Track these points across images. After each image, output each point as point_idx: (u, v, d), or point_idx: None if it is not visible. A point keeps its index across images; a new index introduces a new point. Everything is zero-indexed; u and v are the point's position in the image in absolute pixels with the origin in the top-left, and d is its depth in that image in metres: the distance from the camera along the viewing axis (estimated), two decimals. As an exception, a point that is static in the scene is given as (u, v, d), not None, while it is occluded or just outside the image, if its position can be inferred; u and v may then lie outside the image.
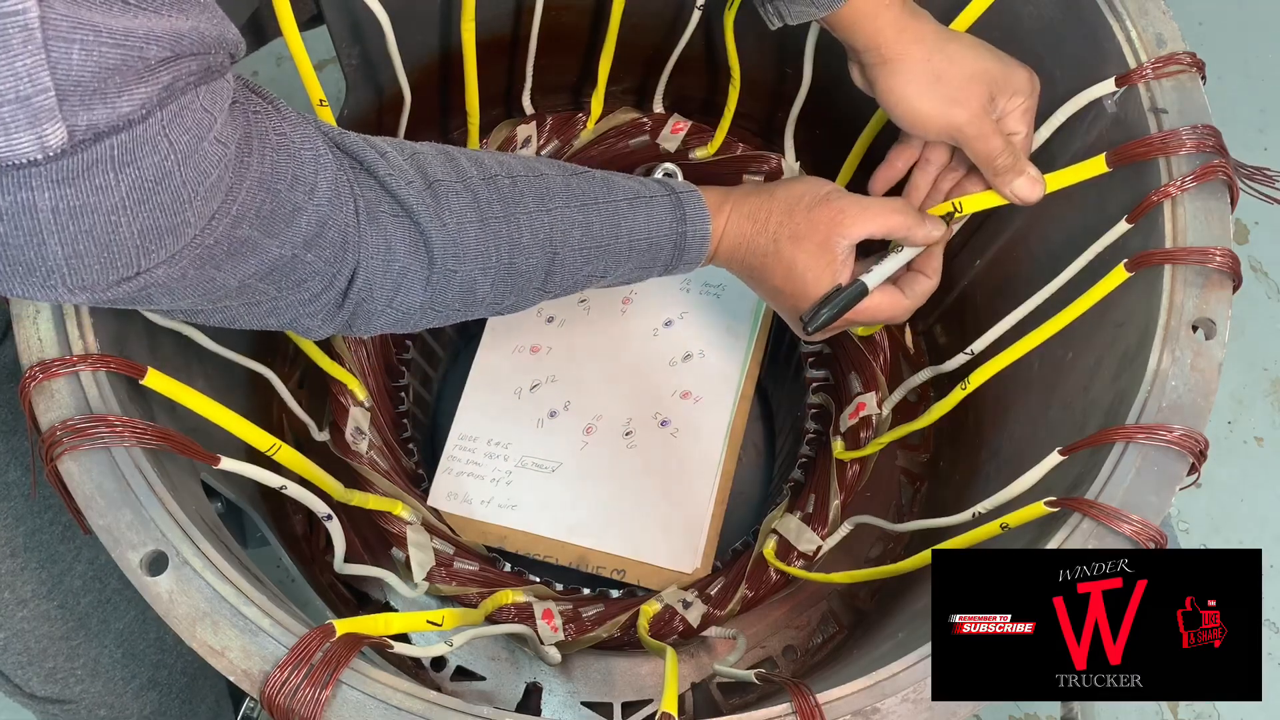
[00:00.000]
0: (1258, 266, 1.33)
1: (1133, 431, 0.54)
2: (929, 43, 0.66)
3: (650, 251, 0.66)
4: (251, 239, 0.46)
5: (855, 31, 0.66)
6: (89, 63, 0.34)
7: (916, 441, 0.88)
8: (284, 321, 0.54)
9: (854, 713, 0.48)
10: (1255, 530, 1.23)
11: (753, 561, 0.79)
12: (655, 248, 0.66)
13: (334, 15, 0.78)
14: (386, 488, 0.78)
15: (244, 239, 0.46)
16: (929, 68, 0.65)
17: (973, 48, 0.67)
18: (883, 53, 0.66)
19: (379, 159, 0.54)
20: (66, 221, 0.36)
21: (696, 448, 0.86)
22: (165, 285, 0.43)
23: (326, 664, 0.46)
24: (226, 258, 0.45)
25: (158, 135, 0.37)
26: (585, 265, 0.63)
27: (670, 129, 0.91)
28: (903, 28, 0.66)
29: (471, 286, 0.59)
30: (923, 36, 0.66)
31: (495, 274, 0.59)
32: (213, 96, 0.40)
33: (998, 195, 0.67)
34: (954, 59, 0.66)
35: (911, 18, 0.66)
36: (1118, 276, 0.61)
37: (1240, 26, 1.44)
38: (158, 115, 0.37)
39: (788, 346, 0.94)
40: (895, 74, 0.66)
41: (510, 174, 0.61)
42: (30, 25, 0.32)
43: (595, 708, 0.78)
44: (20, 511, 0.64)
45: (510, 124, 0.91)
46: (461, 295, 0.59)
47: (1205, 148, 0.59)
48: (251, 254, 0.47)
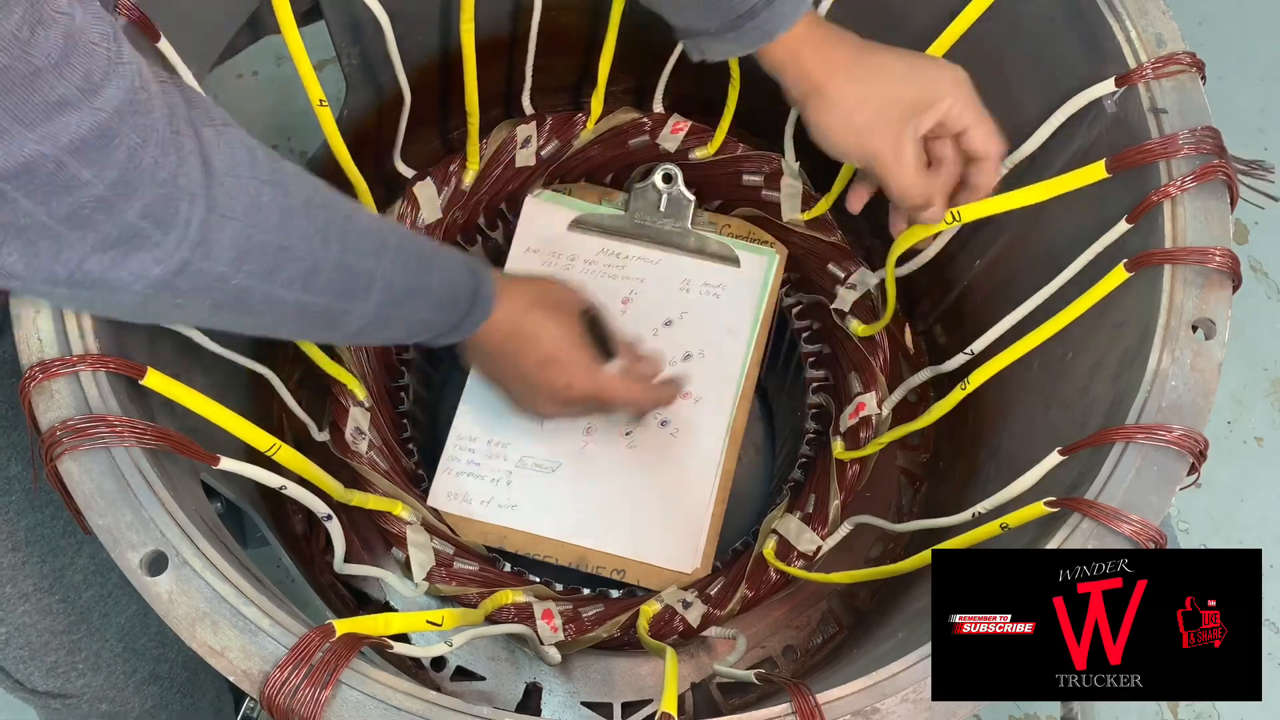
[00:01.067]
0: (1258, 266, 1.33)
1: (1133, 431, 0.54)
2: (843, 71, 0.67)
3: (448, 289, 0.66)
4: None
5: (782, 71, 0.68)
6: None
7: (916, 441, 0.88)
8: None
9: (854, 713, 0.48)
10: (1255, 530, 1.23)
11: (753, 561, 0.79)
12: (454, 285, 0.66)
13: (333, 15, 0.78)
14: (386, 488, 0.78)
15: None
16: (844, 101, 0.67)
17: (887, 69, 0.67)
18: (804, 87, 0.68)
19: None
20: None
21: (696, 448, 0.86)
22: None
23: (326, 664, 0.46)
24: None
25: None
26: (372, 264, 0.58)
27: (670, 129, 0.91)
28: (823, 59, 0.67)
29: (243, 253, 0.50)
30: (838, 65, 0.67)
31: (271, 248, 0.51)
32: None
33: (1000, 203, 0.68)
34: (871, 88, 0.67)
35: (828, 43, 0.67)
36: (1117, 277, 0.61)
37: (1240, 26, 1.44)
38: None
39: (788, 346, 0.94)
40: (815, 109, 0.68)
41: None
42: None
43: (595, 708, 0.78)
44: (22, 506, 0.64)
45: (510, 124, 0.91)
46: (232, 261, 0.50)
47: (1204, 150, 0.59)
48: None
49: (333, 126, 0.74)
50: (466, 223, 0.92)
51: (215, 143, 0.48)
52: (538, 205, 0.93)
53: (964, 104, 0.67)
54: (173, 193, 0.45)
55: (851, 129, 0.67)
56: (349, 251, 0.56)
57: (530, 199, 0.93)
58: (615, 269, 0.91)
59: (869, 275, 0.87)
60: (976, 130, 0.67)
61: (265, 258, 0.51)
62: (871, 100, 0.67)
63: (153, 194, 0.44)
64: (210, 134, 0.47)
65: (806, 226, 0.89)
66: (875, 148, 0.67)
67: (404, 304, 0.62)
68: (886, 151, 0.67)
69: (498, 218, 0.94)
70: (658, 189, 0.91)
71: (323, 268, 0.54)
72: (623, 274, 0.91)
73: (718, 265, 0.91)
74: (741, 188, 0.91)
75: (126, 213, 0.44)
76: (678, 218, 0.91)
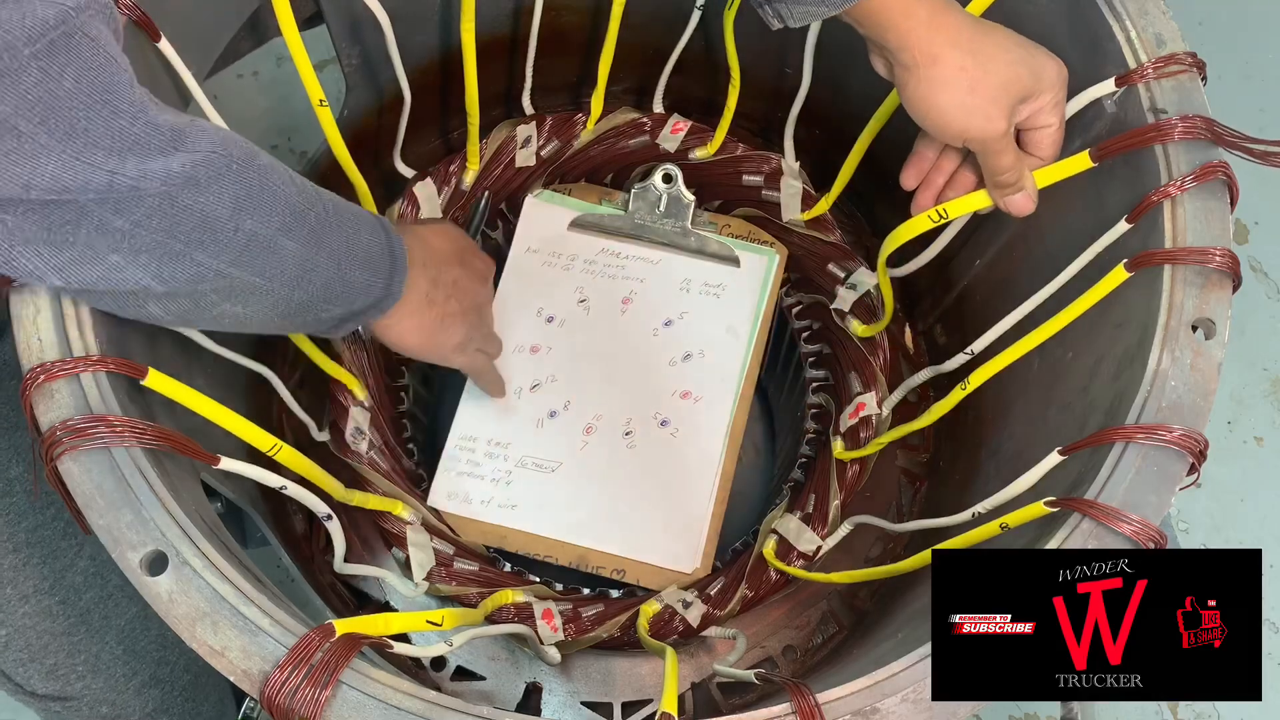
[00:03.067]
0: (1258, 266, 1.33)
1: (1132, 431, 0.54)
2: (963, 46, 0.63)
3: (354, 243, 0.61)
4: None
5: (886, 31, 0.63)
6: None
7: (916, 441, 0.88)
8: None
9: (854, 713, 0.48)
10: (1255, 530, 1.23)
11: (753, 561, 0.79)
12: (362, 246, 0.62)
13: (334, 15, 0.78)
14: (386, 488, 0.78)
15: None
16: (963, 78, 0.63)
17: (1006, 49, 0.64)
18: (914, 55, 0.63)
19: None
20: None
21: (696, 448, 0.86)
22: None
23: (326, 664, 0.46)
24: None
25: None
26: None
27: (670, 129, 0.91)
28: (937, 26, 0.63)
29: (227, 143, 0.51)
30: (957, 39, 0.63)
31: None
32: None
33: (986, 198, 0.68)
34: (988, 66, 0.63)
35: (945, 13, 0.63)
36: (1117, 276, 0.61)
37: (1240, 26, 1.44)
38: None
39: (788, 346, 0.94)
40: (927, 81, 0.64)
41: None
42: None
43: (595, 708, 0.78)
44: (22, 508, 0.64)
45: (510, 124, 0.91)
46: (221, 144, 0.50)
47: (1194, 133, 0.59)
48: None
49: (333, 126, 0.74)
50: (466, 223, 0.92)
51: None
52: (538, 205, 0.93)
53: (1056, 102, 0.65)
54: (145, 97, 0.46)
55: (964, 108, 0.64)
56: (285, 166, 0.56)
57: (530, 199, 0.93)
58: (615, 269, 0.91)
59: (869, 275, 0.87)
60: (1052, 134, 0.66)
61: (242, 148, 0.52)
62: (989, 80, 0.63)
63: (134, 94, 0.45)
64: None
65: (806, 226, 0.89)
66: (976, 125, 0.64)
67: (350, 223, 0.60)
68: (984, 130, 0.64)
69: (498, 217, 0.94)
70: (658, 189, 0.91)
71: (279, 170, 0.55)
72: (623, 274, 0.91)
73: (718, 265, 0.91)
74: (741, 188, 0.91)
75: (118, 117, 0.45)
76: (678, 218, 0.92)
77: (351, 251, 0.60)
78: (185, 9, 0.65)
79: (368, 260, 0.61)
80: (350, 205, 0.62)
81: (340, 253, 0.59)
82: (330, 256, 0.58)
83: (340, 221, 0.59)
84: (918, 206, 0.72)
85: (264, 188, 0.53)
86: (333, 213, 0.59)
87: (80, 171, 0.44)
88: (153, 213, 0.47)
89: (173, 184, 0.47)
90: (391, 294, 0.64)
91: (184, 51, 0.63)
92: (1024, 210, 0.67)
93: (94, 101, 0.44)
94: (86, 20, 0.43)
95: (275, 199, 0.53)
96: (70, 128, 0.43)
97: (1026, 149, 0.67)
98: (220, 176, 0.50)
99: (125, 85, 0.45)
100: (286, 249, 0.55)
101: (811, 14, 0.64)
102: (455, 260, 0.72)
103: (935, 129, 0.66)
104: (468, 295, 0.72)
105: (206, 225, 0.50)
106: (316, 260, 0.57)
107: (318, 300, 0.58)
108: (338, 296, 0.60)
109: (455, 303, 0.71)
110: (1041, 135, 0.66)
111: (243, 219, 0.51)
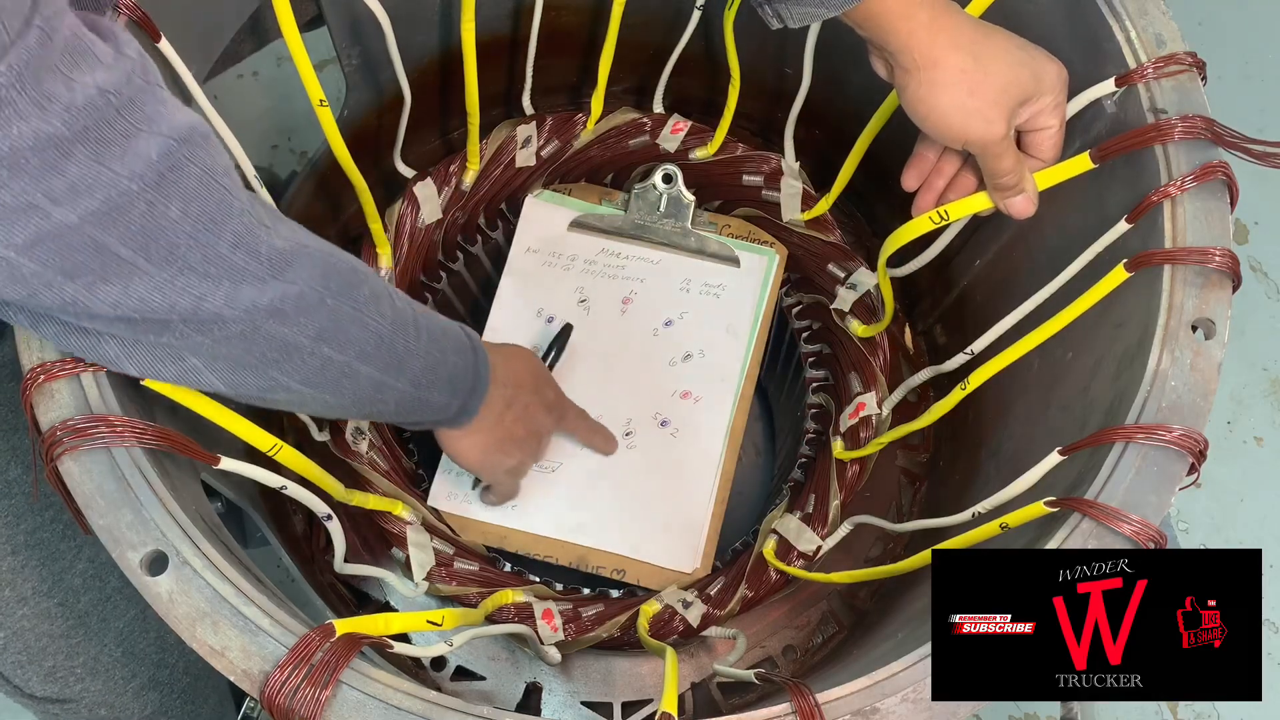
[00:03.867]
0: (1257, 266, 1.33)
1: (1132, 431, 0.54)
2: (964, 49, 0.63)
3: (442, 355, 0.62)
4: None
5: (886, 33, 0.63)
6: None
7: (916, 441, 0.88)
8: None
9: (854, 713, 0.48)
10: (1255, 530, 1.23)
11: (753, 561, 0.79)
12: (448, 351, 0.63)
13: (334, 15, 0.78)
14: (386, 488, 0.78)
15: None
16: (964, 81, 0.63)
17: (1007, 51, 0.64)
18: (915, 57, 0.63)
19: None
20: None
21: (696, 448, 0.86)
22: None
23: (326, 664, 0.46)
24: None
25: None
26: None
27: (670, 129, 0.91)
28: (938, 29, 0.62)
29: (327, 273, 0.52)
30: (958, 41, 0.63)
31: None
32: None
33: (987, 200, 0.68)
34: (989, 69, 0.63)
35: (946, 15, 0.63)
36: (1117, 277, 0.61)
37: (1240, 26, 1.44)
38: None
39: (788, 346, 0.94)
40: (927, 84, 0.63)
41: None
42: None
43: (595, 708, 0.78)
44: (21, 509, 0.64)
45: (510, 124, 0.91)
46: (320, 280, 0.51)
47: (1194, 133, 0.59)
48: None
49: (333, 126, 0.74)
50: (467, 222, 0.92)
51: (253, 193, 0.51)
52: (538, 205, 0.93)
53: (1057, 104, 0.65)
54: (252, 223, 0.47)
55: (964, 111, 0.63)
56: (388, 287, 0.58)
57: (530, 199, 0.93)
58: (615, 269, 0.91)
59: (869, 275, 0.87)
60: (1052, 135, 0.66)
61: (344, 276, 0.52)
62: (989, 83, 0.63)
63: (238, 222, 0.46)
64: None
65: (806, 226, 0.89)
66: (976, 129, 0.64)
67: (439, 344, 0.61)
68: (986, 134, 0.64)
69: (498, 218, 0.94)
70: (658, 189, 0.91)
71: (381, 295, 0.56)
72: (623, 274, 0.91)
73: (718, 265, 0.91)
74: (741, 188, 0.91)
75: (219, 245, 0.45)
76: (678, 218, 0.92)
77: (433, 375, 0.61)
78: (185, 9, 0.65)
79: (450, 381, 0.63)
80: (442, 324, 0.62)
81: (421, 377, 0.60)
82: (410, 381, 0.59)
83: (428, 346, 0.60)
84: (918, 208, 0.72)
85: (354, 319, 0.53)
86: (423, 338, 0.59)
87: (169, 294, 0.45)
88: (233, 336, 0.48)
89: (257, 314, 0.48)
90: (466, 412, 0.66)
91: (184, 51, 0.63)
92: (1024, 213, 0.67)
93: (198, 229, 0.44)
94: (194, 149, 0.44)
95: (363, 329, 0.54)
96: (169, 254, 0.44)
97: (1027, 151, 0.66)
98: (308, 310, 0.50)
99: (233, 211, 0.46)
100: (362, 374, 0.56)
101: (811, 15, 0.64)
102: (531, 385, 0.73)
103: (935, 132, 0.66)
104: (535, 421, 0.73)
105: (285, 349, 0.50)
106: (394, 384, 0.58)
107: (388, 413, 0.61)
108: (410, 411, 0.62)
109: (522, 427, 0.72)
110: (1042, 137, 0.66)
111: (322, 346, 0.52)
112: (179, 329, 0.46)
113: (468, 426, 0.67)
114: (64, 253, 0.41)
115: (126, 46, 0.43)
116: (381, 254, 0.85)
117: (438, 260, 0.92)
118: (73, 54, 0.39)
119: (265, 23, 0.74)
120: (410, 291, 0.89)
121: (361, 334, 0.54)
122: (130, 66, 0.42)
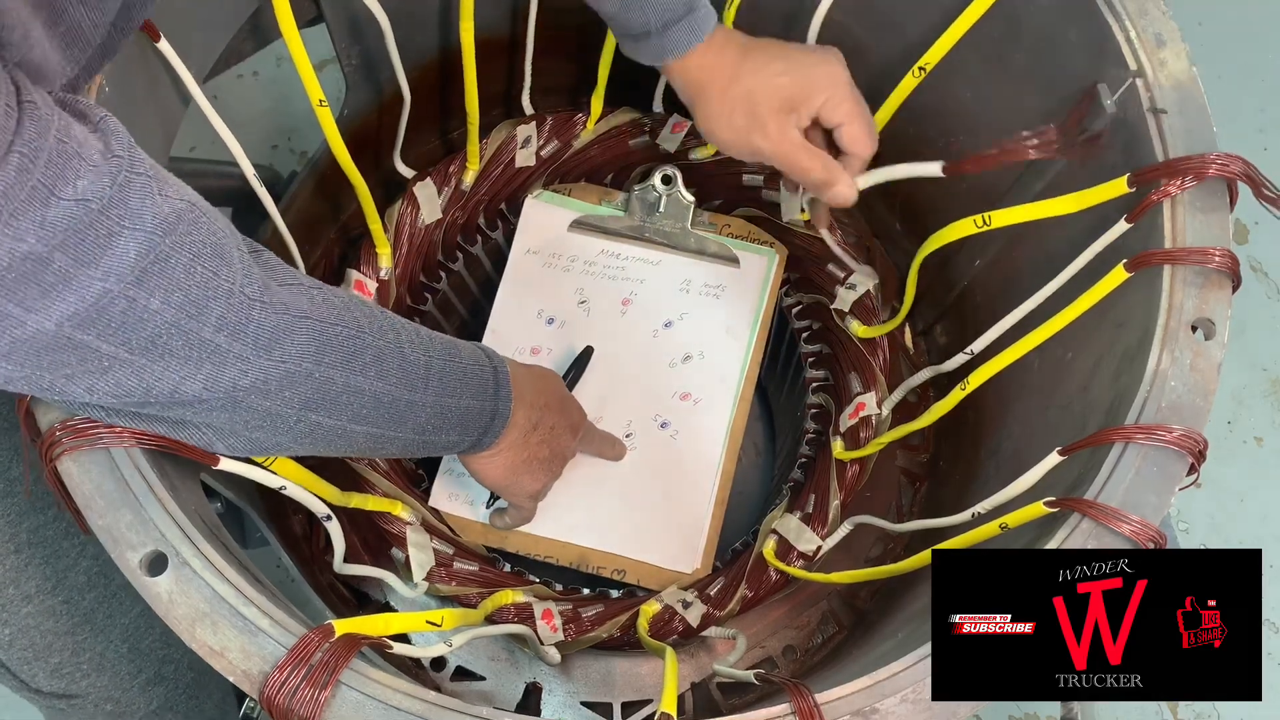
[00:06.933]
0: (1257, 266, 1.33)
1: (1132, 432, 0.53)
2: (727, 75, 0.69)
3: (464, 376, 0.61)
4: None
5: (668, 76, 0.71)
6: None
7: (916, 441, 0.88)
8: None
9: (853, 713, 0.48)
10: (1255, 530, 1.23)
11: (752, 561, 0.79)
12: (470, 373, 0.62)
13: (334, 15, 0.78)
14: (386, 488, 0.78)
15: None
16: (726, 102, 0.69)
17: (767, 65, 0.68)
18: (690, 95, 0.70)
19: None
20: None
21: (696, 449, 0.86)
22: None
23: (326, 664, 0.46)
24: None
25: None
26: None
27: (670, 129, 0.91)
28: (707, 64, 0.69)
29: (321, 345, 0.50)
30: (720, 70, 0.68)
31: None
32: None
33: (1031, 211, 0.66)
34: (750, 85, 0.68)
35: (716, 50, 0.69)
36: (1117, 277, 0.61)
37: (1240, 26, 1.44)
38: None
39: (788, 346, 0.94)
40: (703, 117, 0.71)
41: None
42: None
43: (595, 708, 0.78)
44: (24, 508, 0.64)
45: (510, 124, 0.91)
46: (314, 355, 0.49)
47: (1224, 172, 0.58)
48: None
49: (333, 126, 0.74)
50: (466, 223, 0.92)
51: (259, 255, 0.49)
52: (538, 206, 0.93)
53: (839, 99, 0.68)
54: (240, 301, 0.45)
55: (733, 129, 0.70)
56: (401, 338, 0.55)
57: (530, 200, 0.93)
58: (615, 270, 0.91)
59: (868, 275, 0.87)
60: (850, 127, 0.69)
61: (342, 345, 0.51)
62: (749, 99, 0.68)
63: (224, 304, 0.44)
64: (248, 252, 0.47)
65: (806, 226, 0.89)
66: (756, 144, 0.69)
67: (453, 390, 0.59)
68: (766, 146, 0.69)
69: (498, 218, 0.94)
70: (657, 190, 0.91)
71: (388, 353, 0.54)
72: (623, 275, 0.91)
73: (717, 265, 0.91)
74: (741, 188, 0.91)
75: (202, 330, 0.44)
76: (677, 218, 0.91)
77: (441, 420, 0.59)
78: (185, 9, 0.65)
79: (460, 424, 0.61)
80: (460, 367, 0.60)
81: (426, 424, 0.58)
82: (414, 429, 0.58)
83: (437, 397, 0.58)
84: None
85: (348, 387, 0.52)
86: (431, 389, 0.57)
87: (146, 379, 0.44)
88: (214, 409, 0.47)
89: (238, 393, 0.47)
90: (480, 446, 0.65)
91: (184, 52, 0.63)
92: (846, 201, 0.70)
93: (180, 316, 0.43)
94: (180, 237, 0.42)
95: (356, 396, 0.52)
96: (150, 344, 0.43)
97: (841, 147, 0.70)
98: (294, 384, 0.49)
99: (219, 293, 0.44)
100: (358, 432, 0.54)
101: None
102: (558, 407, 0.72)
103: (730, 153, 0.73)
104: (558, 443, 0.72)
105: (269, 418, 0.49)
106: (395, 435, 0.57)
107: (394, 454, 0.60)
108: (417, 450, 0.61)
109: (547, 449, 0.71)
110: (841, 133, 0.69)
111: (309, 414, 0.51)
112: (157, 406, 0.46)
113: (490, 450, 0.66)
114: (41, 354, 0.40)
115: (115, 143, 0.41)
116: (381, 254, 0.85)
117: (438, 260, 0.92)
118: (59, 163, 0.38)
119: (265, 23, 0.74)
120: (410, 292, 0.89)
121: (355, 400, 0.52)
122: (118, 166, 0.40)
